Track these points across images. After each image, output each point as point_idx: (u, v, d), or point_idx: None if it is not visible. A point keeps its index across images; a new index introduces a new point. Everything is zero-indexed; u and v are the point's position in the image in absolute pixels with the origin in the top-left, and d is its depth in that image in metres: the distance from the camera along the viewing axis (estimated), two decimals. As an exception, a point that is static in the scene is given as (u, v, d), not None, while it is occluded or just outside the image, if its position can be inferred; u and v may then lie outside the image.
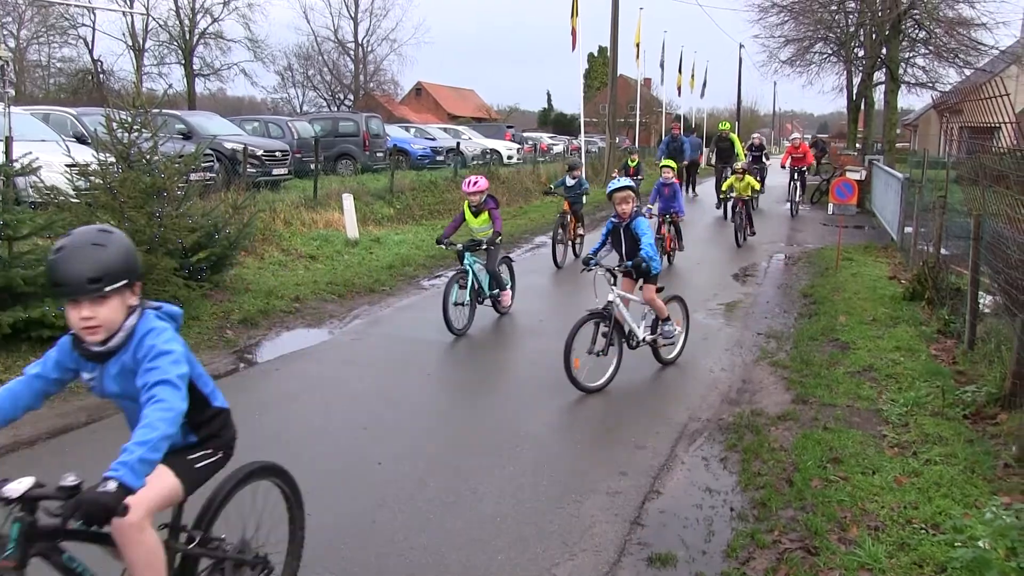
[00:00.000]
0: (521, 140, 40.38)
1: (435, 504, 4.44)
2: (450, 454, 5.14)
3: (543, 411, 6.01)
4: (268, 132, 23.64)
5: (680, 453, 5.25)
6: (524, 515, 4.33)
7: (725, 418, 5.86)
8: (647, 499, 4.58)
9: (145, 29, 50.33)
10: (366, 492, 4.58)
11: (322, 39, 59.14)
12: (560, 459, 5.08)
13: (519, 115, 73.85)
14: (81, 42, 51.29)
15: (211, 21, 52.28)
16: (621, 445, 5.33)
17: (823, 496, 4.39)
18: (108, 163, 7.76)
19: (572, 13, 20.74)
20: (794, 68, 29.86)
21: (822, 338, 7.74)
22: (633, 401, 6.24)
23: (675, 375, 6.93)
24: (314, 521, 4.21)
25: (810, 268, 12.12)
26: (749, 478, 4.78)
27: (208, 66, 53.38)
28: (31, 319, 6.47)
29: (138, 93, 8.15)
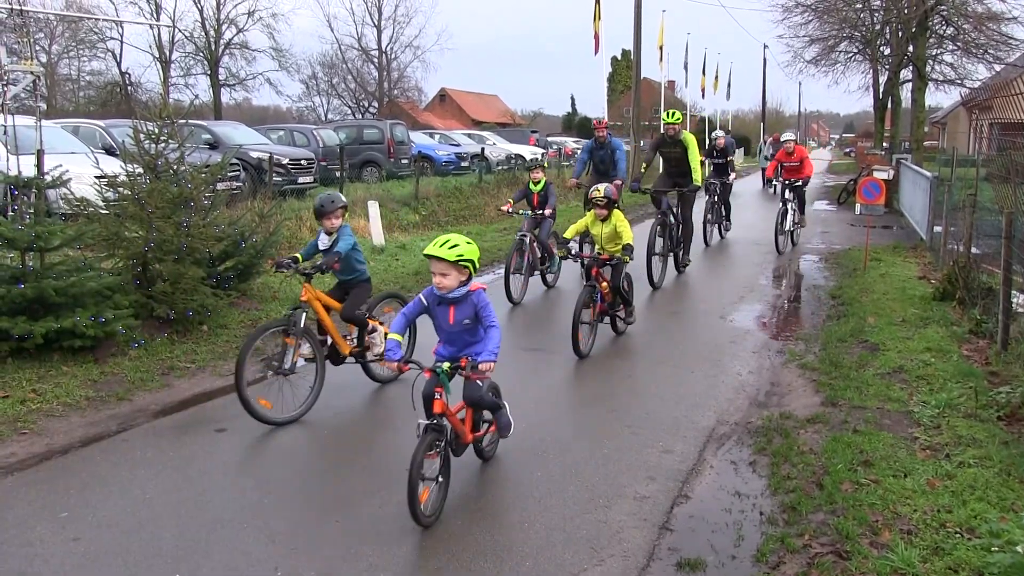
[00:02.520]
0: (545, 145, 40.41)
1: (461, 510, 4.43)
2: (474, 459, 5.12)
3: (569, 416, 5.99)
4: (293, 141, 23.83)
5: (708, 457, 5.20)
6: (551, 521, 4.30)
7: (753, 421, 5.80)
8: (676, 504, 4.55)
9: (172, 41, 50.93)
10: (391, 497, 4.58)
11: (346, 47, 59.65)
12: (587, 464, 5.05)
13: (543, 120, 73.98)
14: (109, 55, 52.04)
15: (236, 32, 52.90)
16: (649, 449, 5.29)
17: (854, 499, 4.33)
18: (136, 174, 7.83)
19: (595, 17, 20.72)
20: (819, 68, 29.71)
21: (851, 339, 7.66)
22: (660, 405, 6.19)
23: (702, 378, 6.87)
24: (333, 526, 4.23)
25: (838, 269, 12.01)
26: (778, 482, 4.73)
27: (233, 76, 53.97)
28: (62, 329, 6.55)
29: (165, 104, 8.23)
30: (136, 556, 3.89)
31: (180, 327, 7.61)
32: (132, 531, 4.13)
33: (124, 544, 4.00)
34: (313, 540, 4.09)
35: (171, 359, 7.08)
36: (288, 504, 4.50)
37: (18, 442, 5.07)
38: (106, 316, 6.77)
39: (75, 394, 6.12)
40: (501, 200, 20.41)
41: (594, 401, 6.32)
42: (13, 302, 6.45)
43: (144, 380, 6.52)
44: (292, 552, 3.98)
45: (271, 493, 4.64)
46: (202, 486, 4.73)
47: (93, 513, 4.36)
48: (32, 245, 6.72)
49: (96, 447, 5.31)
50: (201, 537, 4.10)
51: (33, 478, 4.74)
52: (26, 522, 4.25)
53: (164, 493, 4.63)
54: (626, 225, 7.76)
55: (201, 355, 7.24)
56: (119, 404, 6.09)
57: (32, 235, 6.67)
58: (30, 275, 6.64)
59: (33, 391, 6.08)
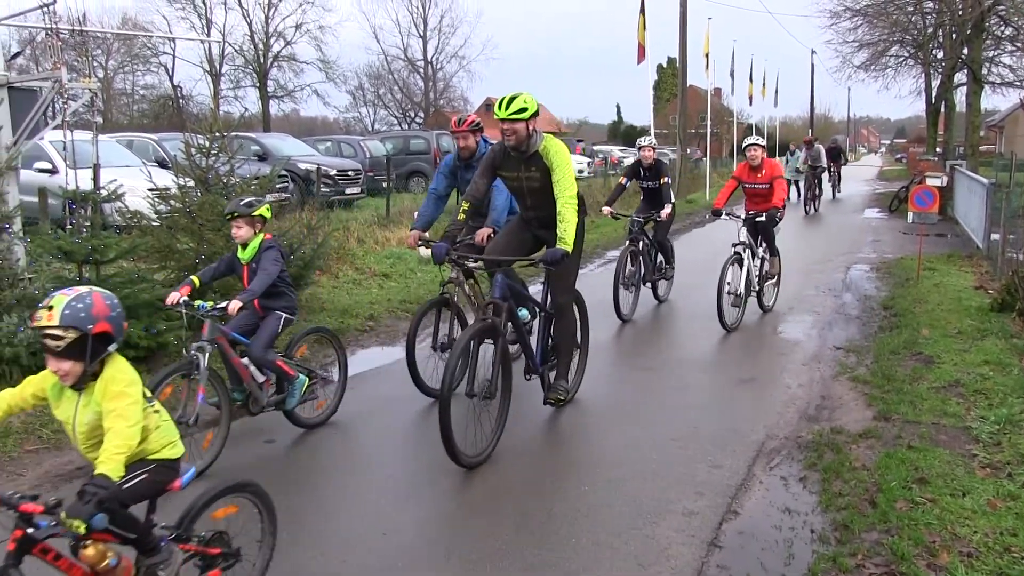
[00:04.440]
0: (591, 153, 40.34)
1: (506, 523, 4.42)
2: (523, 473, 5.11)
3: (616, 430, 5.95)
4: (340, 152, 24.10)
5: (758, 472, 5.13)
6: (598, 536, 4.27)
7: (804, 436, 5.71)
8: (724, 520, 4.49)
9: (222, 55, 51.82)
10: (437, 509, 4.59)
11: (392, 58, 60.12)
12: (634, 479, 5.01)
13: (589, 128, 73.79)
14: (162, 69, 53.12)
15: (284, 44, 53.62)
16: (697, 464, 5.23)
17: (909, 519, 4.24)
18: (187, 187, 7.97)
19: (639, 27, 20.61)
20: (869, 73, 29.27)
21: (904, 352, 7.51)
22: (708, 419, 6.12)
23: (751, 391, 6.79)
24: (382, 538, 4.24)
25: (890, 279, 11.78)
26: (830, 498, 4.64)
27: (282, 88, 54.73)
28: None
29: (215, 118, 8.37)
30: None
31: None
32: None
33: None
34: (366, 554, 4.10)
35: (221, 370, 7.16)
36: (337, 517, 4.53)
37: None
38: (158, 327, 6.88)
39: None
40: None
41: (640, 414, 6.27)
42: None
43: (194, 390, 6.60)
44: (343, 565, 4.00)
45: (321, 507, 4.67)
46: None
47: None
48: (89, 257, 6.86)
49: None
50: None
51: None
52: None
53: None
54: None
55: (251, 365, 7.32)
56: (172, 413, 6.15)
57: (89, 248, 6.81)
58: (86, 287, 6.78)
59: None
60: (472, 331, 5.14)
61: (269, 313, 5.41)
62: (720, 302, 8.46)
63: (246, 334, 5.36)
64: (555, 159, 5.45)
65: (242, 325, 5.37)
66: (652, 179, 9.93)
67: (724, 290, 8.50)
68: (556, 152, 5.48)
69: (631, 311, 9.41)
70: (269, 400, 5.45)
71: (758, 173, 9.30)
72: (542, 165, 5.50)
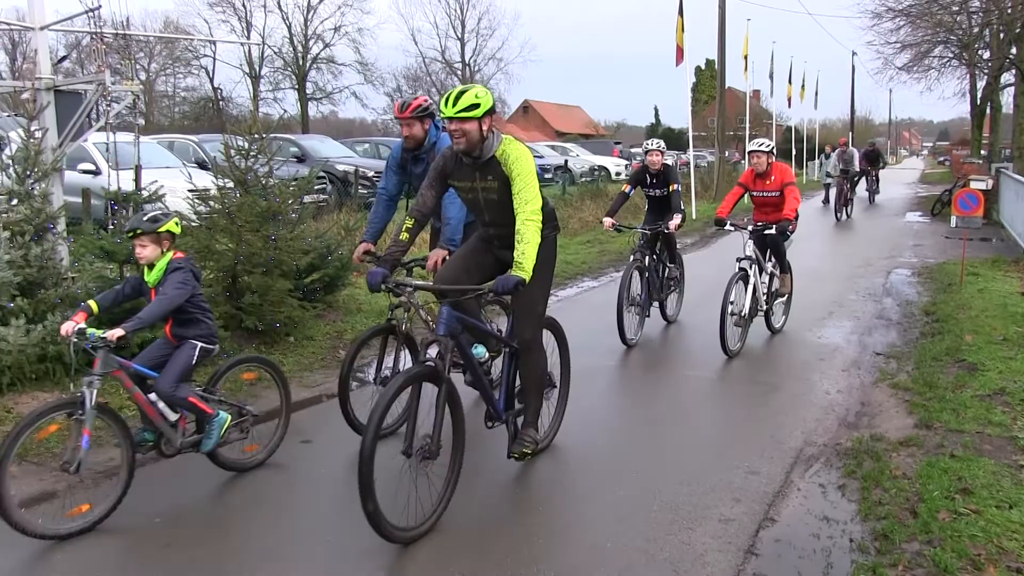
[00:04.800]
0: (629, 156, 40.21)
1: (539, 528, 4.40)
2: (558, 478, 5.09)
3: (651, 434, 5.91)
4: (378, 153, 24.20)
5: (795, 479, 5.06)
6: (633, 542, 4.23)
7: (843, 443, 5.62)
8: (761, 527, 4.43)
9: (261, 57, 52.51)
10: (472, 514, 4.57)
11: (430, 60, 60.50)
12: (670, 484, 4.96)
13: (627, 131, 73.66)
14: (203, 72, 54.01)
15: (323, 47, 54.23)
16: (733, 470, 5.17)
17: (952, 530, 4.15)
18: (227, 188, 8.05)
19: (678, 29, 20.49)
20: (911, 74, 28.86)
21: (946, 358, 7.37)
22: (745, 424, 6.06)
23: (789, 397, 6.70)
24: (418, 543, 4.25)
25: (931, 284, 11.59)
26: (869, 507, 4.57)
27: (320, 90, 55.31)
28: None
29: (254, 120, 8.43)
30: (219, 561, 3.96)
31: (267, 338, 7.76)
32: (217, 537, 4.21)
33: (214, 549, 4.08)
34: (400, 555, 4.10)
35: (258, 370, 7.21)
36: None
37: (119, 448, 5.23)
38: (198, 327, 6.95)
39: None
40: (585, 212, 20.31)
41: (676, 419, 6.22)
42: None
43: (233, 390, 6.65)
44: (378, 569, 4.00)
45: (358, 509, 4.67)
46: (286, 496, 4.81)
47: (183, 518, 4.48)
48: (130, 258, 6.94)
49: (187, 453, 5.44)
50: (282, 547, 4.16)
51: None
52: (120, 525, 4.39)
53: (249, 501, 4.72)
54: None
55: (287, 366, 7.37)
56: (55, 457, 6.19)
57: (130, 248, 6.89)
58: (127, 287, 6.87)
59: (129, 399, 6.24)
60: (407, 376, 4.26)
61: (183, 343, 4.76)
62: (723, 324, 7.57)
63: (159, 367, 4.69)
64: (515, 165, 4.54)
65: (153, 357, 4.74)
66: (660, 186, 8.84)
67: (727, 310, 7.63)
68: (517, 157, 4.56)
69: (636, 334, 8.42)
70: (184, 441, 4.75)
71: (766, 180, 8.40)
72: (500, 173, 4.59)
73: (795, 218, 8.12)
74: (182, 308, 4.67)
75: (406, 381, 4.22)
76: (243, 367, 5.48)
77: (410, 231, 4.71)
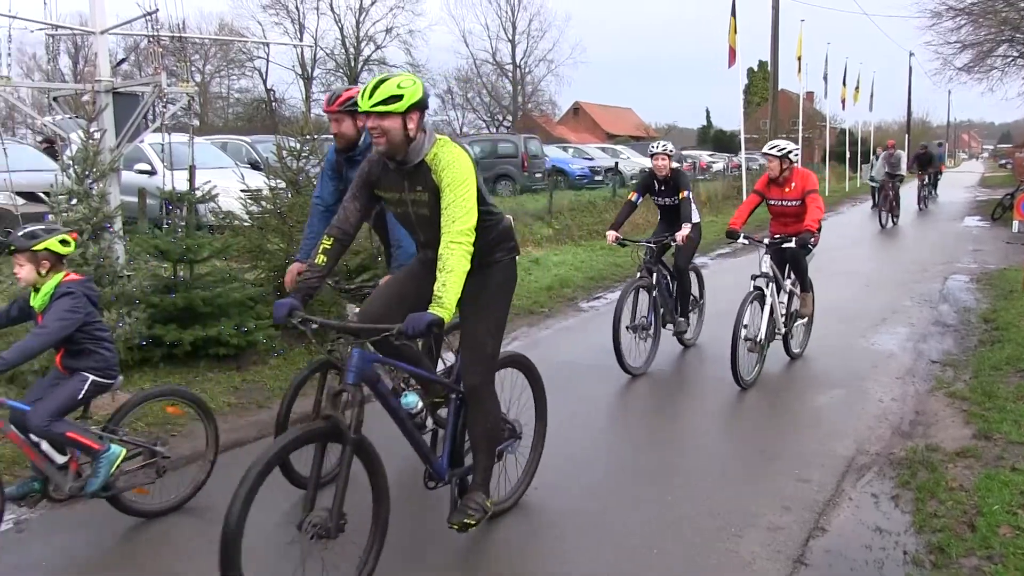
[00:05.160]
0: (680, 159, 39.93)
1: (585, 534, 4.37)
2: (601, 482, 5.05)
3: (700, 439, 5.84)
4: (428, 154, 24.31)
5: (847, 488, 4.96)
6: (678, 548, 4.19)
7: (896, 452, 5.50)
8: (811, 536, 4.35)
9: (313, 59, 53.22)
10: (517, 518, 4.56)
11: (481, 62, 60.77)
12: (718, 490, 4.90)
13: (677, 133, 73.23)
14: (256, 73, 54.77)
15: (374, 48, 54.75)
16: (783, 477, 5.09)
17: (1014, 546, 4.02)
18: (278, 188, 8.15)
19: (730, 31, 20.28)
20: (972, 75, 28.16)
21: (1007, 368, 7.17)
22: (795, 431, 5.96)
23: (841, 404, 6.58)
24: (467, 541, 4.24)
25: (991, 291, 11.29)
26: (924, 519, 4.46)
27: (372, 92, 55.57)
28: (208, 337, 6.85)
29: (306, 121, 8.54)
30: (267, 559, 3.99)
31: (318, 338, 7.81)
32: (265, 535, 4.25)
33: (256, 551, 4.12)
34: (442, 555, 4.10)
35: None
36: (421, 521, 4.54)
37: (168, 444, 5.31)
38: (248, 326, 7.05)
39: (218, 400, 6.38)
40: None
41: (725, 425, 6.15)
42: (166, 310, 6.80)
43: (283, 389, 6.68)
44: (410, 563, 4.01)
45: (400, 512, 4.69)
46: None
47: None
48: (183, 257, 7.06)
49: (237, 452, 5.52)
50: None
51: (179, 480, 4.96)
52: (171, 521, 4.48)
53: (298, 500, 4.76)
54: None
55: (336, 365, 7.43)
56: (259, 412, 6.32)
57: (183, 247, 7.01)
58: (181, 285, 6.99)
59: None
60: (306, 431, 3.42)
61: (74, 375, 4.18)
62: (735, 350, 6.68)
63: None
64: (446, 172, 3.67)
65: (44, 390, 4.18)
66: (669, 194, 7.92)
67: (740, 335, 6.74)
68: (449, 162, 3.69)
69: (646, 363, 7.53)
70: (73, 486, 4.11)
71: (785, 187, 7.39)
72: (431, 182, 3.73)
73: (818, 230, 7.16)
74: (72, 338, 4.07)
75: (304, 437, 3.40)
76: (166, 400, 4.79)
77: (328, 252, 3.83)
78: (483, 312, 4.00)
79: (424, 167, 3.74)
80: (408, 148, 3.68)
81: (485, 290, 3.98)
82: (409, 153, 3.69)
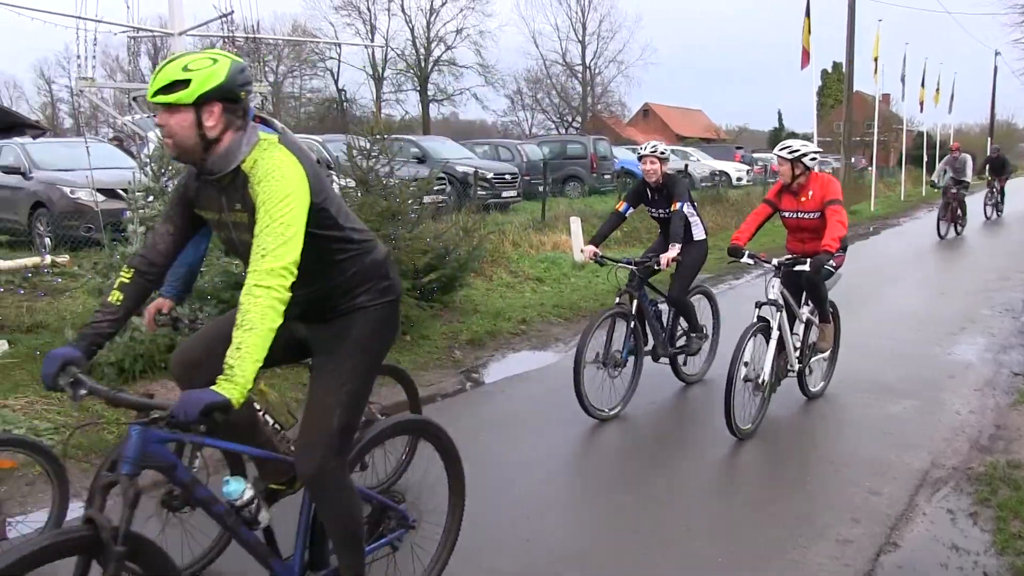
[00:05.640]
0: (751, 161, 39.38)
1: (647, 539, 4.32)
2: (664, 487, 4.99)
3: (765, 445, 5.73)
4: (498, 155, 24.47)
5: (921, 503, 4.81)
6: (741, 557, 4.11)
7: (974, 467, 5.31)
8: (882, 551, 4.22)
9: (384, 59, 53.85)
10: (577, 524, 4.54)
11: (550, 63, 60.80)
12: (783, 499, 4.81)
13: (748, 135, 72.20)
14: (328, 74, 55.65)
15: (445, 49, 55.19)
16: (853, 488, 4.96)
17: (1099, 569, 3.86)
18: (349, 187, 8.25)
19: (804, 31, 19.90)
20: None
21: (1094, 382, 6.90)
22: (866, 441, 5.80)
23: (915, 415, 6.39)
24: (525, 554, 4.22)
25: (1078, 300, 10.88)
26: (1006, 539, 4.29)
27: (442, 92, 56.32)
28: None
29: (377, 121, 8.64)
30: None
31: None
32: None
33: None
34: (514, 556, 4.09)
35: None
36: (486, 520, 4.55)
37: None
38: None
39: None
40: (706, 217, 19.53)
41: (792, 431, 6.02)
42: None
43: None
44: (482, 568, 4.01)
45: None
46: None
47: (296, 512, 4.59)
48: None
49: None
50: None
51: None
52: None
53: None
54: None
55: (403, 365, 7.45)
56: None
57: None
58: (252, 282, 7.11)
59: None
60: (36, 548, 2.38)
61: None
62: (729, 393, 5.50)
63: None
64: (262, 186, 2.67)
65: None
66: (663, 205, 6.71)
67: (739, 374, 5.58)
68: (268, 172, 2.69)
69: (620, 404, 6.29)
70: None
71: (801, 196, 6.20)
72: (249, 199, 2.75)
73: (840, 249, 5.94)
74: None
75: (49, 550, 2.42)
76: None
77: (127, 289, 2.89)
78: (333, 375, 2.97)
79: (241, 178, 2.76)
80: (208, 153, 2.73)
81: (341, 345, 2.99)
82: (211, 160, 2.75)
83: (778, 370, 6.04)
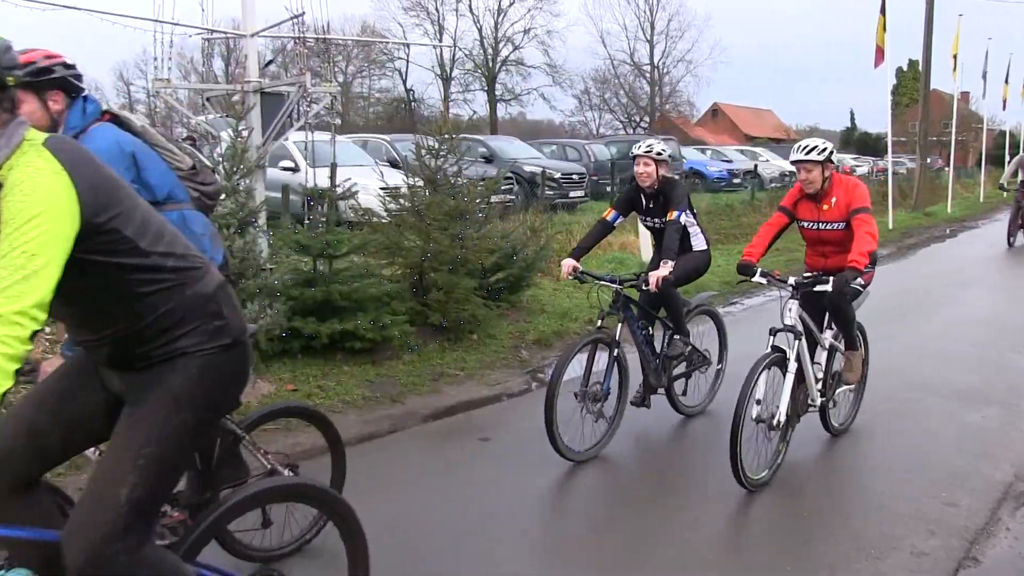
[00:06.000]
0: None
1: (706, 546, 4.25)
2: (725, 488, 4.89)
3: (833, 452, 5.58)
4: (565, 155, 24.40)
5: (1004, 517, 4.61)
6: (812, 568, 3.99)
7: (1062, 481, 5.10)
8: (961, 566, 4.05)
9: (452, 59, 54.17)
10: (618, 528, 4.47)
11: (618, 62, 60.44)
12: (856, 508, 4.67)
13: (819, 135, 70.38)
14: (396, 74, 56.21)
15: (512, 49, 55.28)
16: (928, 499, 4.79)
17: None
18: (416, 187, 8.29)
19: (879, 28, 19.40)
20: None
21: None
22: (941, 449, 5.59)
23: (997, 424, 6.15)
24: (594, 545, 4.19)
25: None
26: (1095, 558, 4.10)
27: (509, 91, 56.43)
28: (345, 331, 7.02)
29: (445, 120, 8.66)
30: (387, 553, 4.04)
31: (451, 335, 7.92)
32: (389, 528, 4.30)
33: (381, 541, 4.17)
34: (572, 558, 4.06)
35: (441, 366, 7.38)
36: (546, 520, 4.52)
37: (304, 433, 5.44)
38: (384, 321, 7.18)
39: (353, 393, 6.53)
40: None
41: (862, 437, 5.83)
42: (305, 304, 7.01)
43: (416, 384, 6.84)
44: (549, 569, 3.98)
45: (530, 507, 4.68)
46: (463, 493, 4.86)
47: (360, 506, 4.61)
48: (323, 252, 7.27)
49: (369, 444, 5.65)
50: (452, 542, 4.21)
51: (314, 467, 5.10)
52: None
53: (425, 495, 4.81)
54: None
55: (470, 364, 7.49)
56: (392, 406, 6.43)
57: (324, 243, 7.21)
58: (320, 279, 7.19)
59: (318, 387, 6.56)
60: None
61: None
62: (736, 435, 4.63)
63: None
64: (7, 202, 2.01)
65: None
66: (658, 213, 5.86)
67: (749, 414, 4.70)
68: (18, 182, 2.02)
69: (597, 443, 5.45)
70: None
71: (823, 203, 5.32)
72: None
73: (870, 264, 5.04)
74: None
75: None
76: None
77: None
78: (133, 432, 2.31)
79: None
80: None
81: (151, 395, 2.33)
82: None
83: (797, 405, 5.15)
